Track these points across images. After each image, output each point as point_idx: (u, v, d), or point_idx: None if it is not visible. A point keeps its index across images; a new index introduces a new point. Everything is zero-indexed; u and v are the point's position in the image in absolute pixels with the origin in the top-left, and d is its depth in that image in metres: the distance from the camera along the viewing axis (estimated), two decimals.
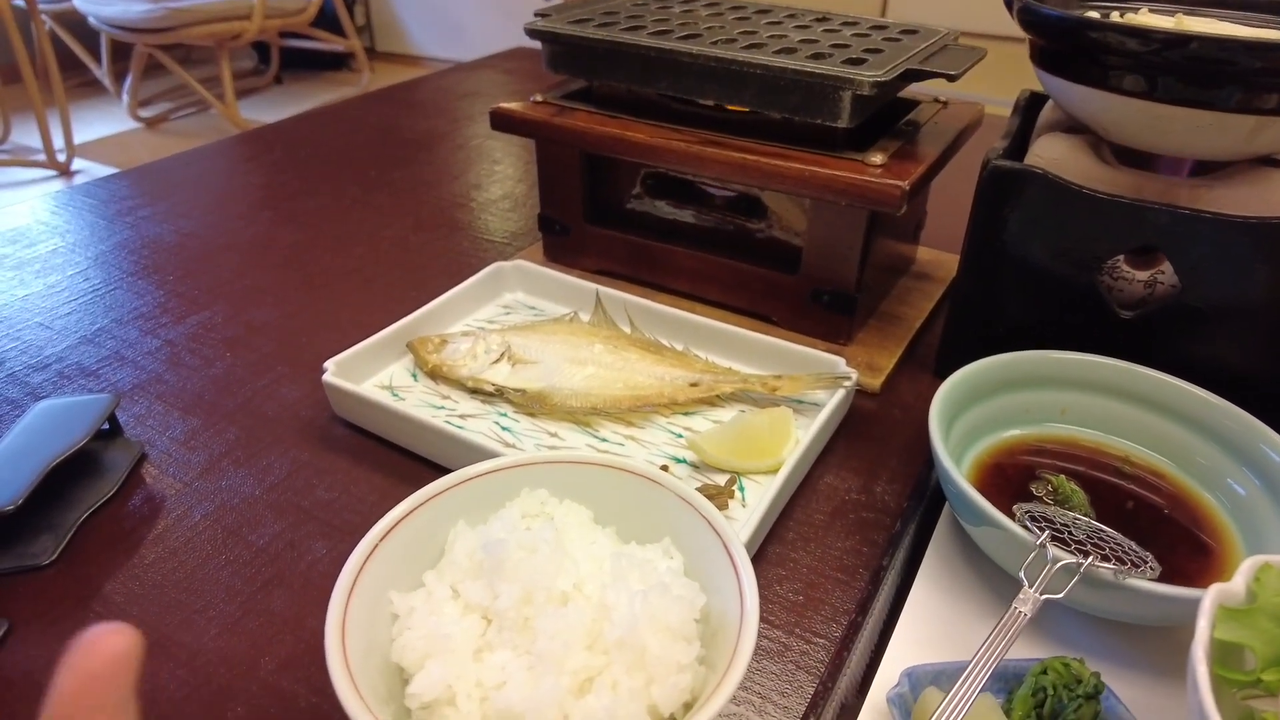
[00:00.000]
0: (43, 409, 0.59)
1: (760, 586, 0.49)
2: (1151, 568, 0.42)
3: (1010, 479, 0.53)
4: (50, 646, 0.46)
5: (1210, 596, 0.35)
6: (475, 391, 0.64)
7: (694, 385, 0.63)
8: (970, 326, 0.64)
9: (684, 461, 0.58)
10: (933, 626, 0.46)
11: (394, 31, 4.39)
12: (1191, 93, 0.52)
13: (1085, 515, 0.49)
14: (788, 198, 0.69)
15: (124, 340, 0.73)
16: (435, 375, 0.66)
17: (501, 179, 1.07)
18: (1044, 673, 0.39)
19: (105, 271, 0.84)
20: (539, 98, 0.76)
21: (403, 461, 0.59)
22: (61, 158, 2.97)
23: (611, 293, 0.71)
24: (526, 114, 0.75)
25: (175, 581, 0.51)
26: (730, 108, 0.68)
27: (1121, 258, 0.61)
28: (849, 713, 0.41)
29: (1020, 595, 0.40)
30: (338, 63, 4.20)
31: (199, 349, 0.72)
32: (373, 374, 0.66)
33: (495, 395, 0.64)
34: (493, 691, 0.33)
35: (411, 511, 0.40)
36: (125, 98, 3.44)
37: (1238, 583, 0.36)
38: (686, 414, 0.62)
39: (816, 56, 0.63)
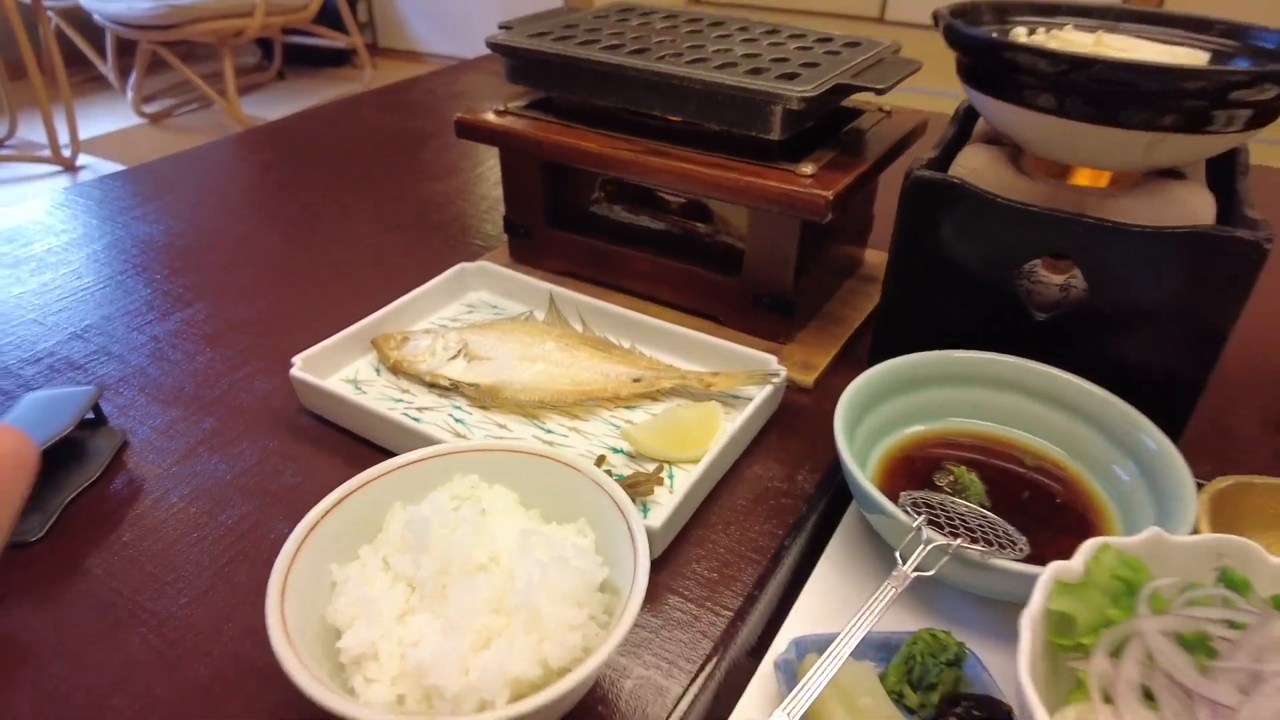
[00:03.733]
0: (31, 400, 0.64)
1: (679, 564, 0.54)
2: (1021, 549, 0.47)
3: (918, 470, 0.58)
4: (31, 620, 0.51)
5: (1048, 573, 0.39)
6: (433, 386, 0.69)
7: (636, 381, 0.67)
8: (897, 327, 0.69)
9: (621, 451, 0.62)
10: (831, 602, 0.50)
11: (396, 28, 4.44)
12: (1096, 111, 0.57)
13: (981, 504, 0.53)
14: (731, 204, 0.73)
15: (111, 336, 0.78)
16: (397, 370, 0.70)
17: (479, 181, 1.11)
18: (915, 643, 0.44)
19: (97, 270, 0.89)
20: (502, 106, 0.81)
21: (363, 450, 0.64)
22: (67, 153, 3.03)
23: (565, 293, 0.75)
24: (489, 123, 0.79)
25: (151, 556, 0.56)
26: (675, 119, 0.72)
27: (1039, 263, 0.65)
28: (742, 674, 0.45)
29: (894, 572, 0.44)
30: (340, 59, 4.24)
31: (181, 344, 0.77)
32: (339, 369, 0.71)
33: (451, 389, 0.68)
34: (409, 649, 0.38)
35: (350, 494, 0.45)
36: (129, 94, 3.50)
37: (1076, 561, 0.40)
38: (628, 408, 0.66)
39: (754, 71, 0.68)
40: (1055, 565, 0.39)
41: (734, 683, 0.45)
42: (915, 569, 0.44)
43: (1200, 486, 0.51)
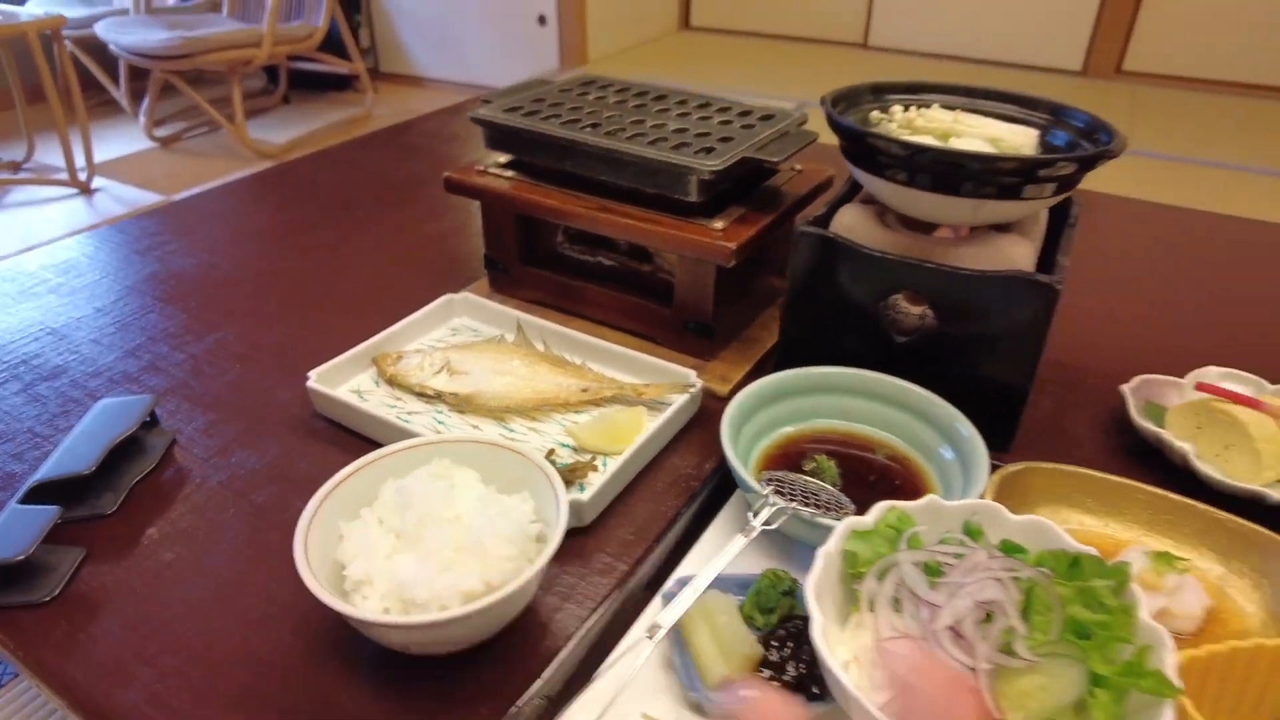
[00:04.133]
0: (102, 406, 0.81)
1: (606, 530, 0.71)
2: (846, 512, 0.64)
3: (791, 459, 0.75)
4: (112, 570, 0.68)
5: (844, 524, 0.56)
6: (421, 395, 0.86)
7: (584, 391, 0.84)
8: (794, 349, 0.86)
9: (567, 445, 0.79)
10: (714, 552, 0.67)
11: (397, 54, 4.63)
12: (935, 183, 0.74)
13: (834, 483, 0.70)
14: (679, 257, 0.90)
15: (157, 354, 0.95)
16: (392, 383, 0.87)
17: (467, 223, 1.28)
18: (762, 579, 0.60)
19: (141, 298, 1.06)
20: (481, 167, 0.98)
21: (365, 446, 0.81)
22: (82, 176, 3.20)
23: (530, 320, 0.92)
24: (472, 182, 0.96)
25: (199, 526, 0.72)
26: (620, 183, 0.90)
27: (900, 298, 0.82)
28: (637, 603, 0.62)
29: (745, 527, 0.61)
30: (343, 84, 4.44)
31: (215, 361, 0.94)
32: (346, 381, 0.88)
33: (435, 398, 0.85)
34: (394, 575, 0.55)
35: (355, 471, 0.62)
36: (142, 118, 3.68)
37: (869, 517, 0.57)
38: (576, 412, 0.83)
39: (679, 146, 0.85)
40: (850, 519, 0.56)
41: (634, 608, 0.61)
42: (762, 524, 0.61)
43: (996, 468, 0.68)
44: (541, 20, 4.16)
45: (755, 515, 0.62)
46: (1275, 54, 3.73)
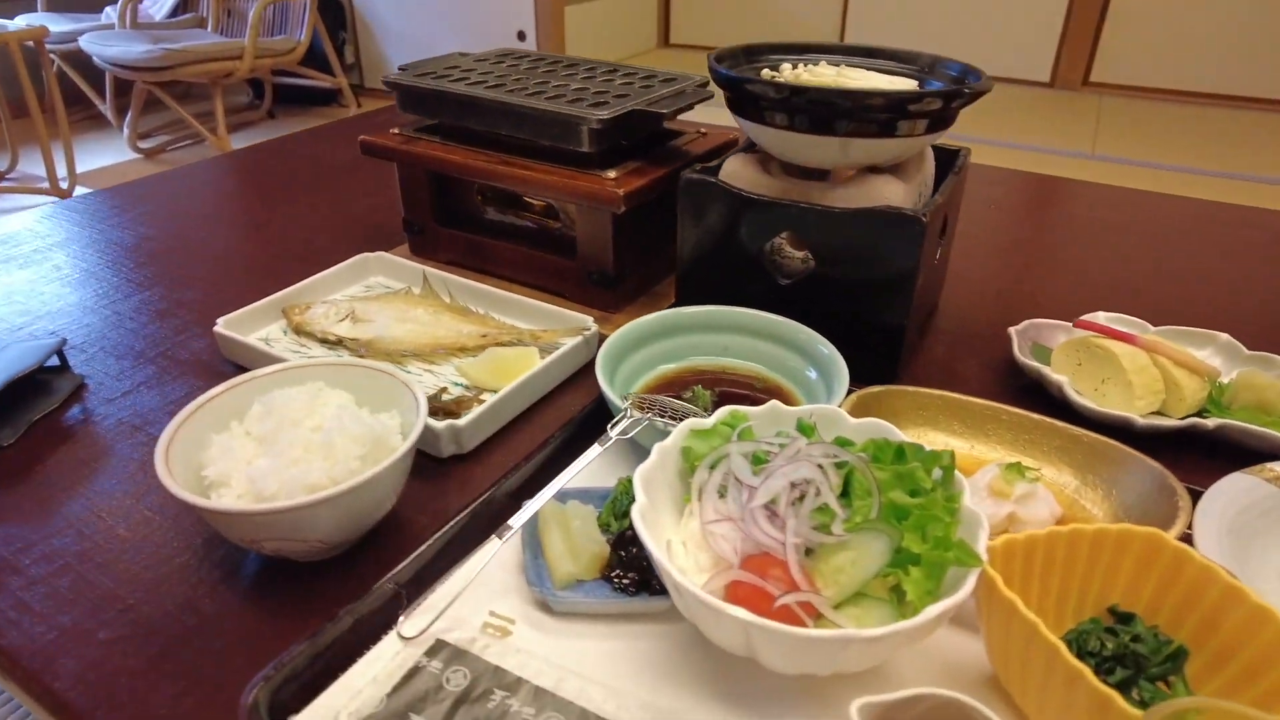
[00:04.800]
0: (5, 346, 0.83)
1: (486, 456, 0.72)
2: None
3: (677, 389, 0.77)
4: (9, 494, 0.69)
5: (683, 425, 0.58)
6: (324, 341, 0.88)
7: (484, 336, 0.86)
8: (688, 294, 0.88)
9: (460, 385, 0.81)
10: (589, 472, 0.68)
11: (381, 69, 4.70)
12: (808, 123, 0.76)
13: (706, 408, 0.72)
14: (574, 205, 0.93)
15: (84, 309, 0.97)
16: (299, 331, 0.89)
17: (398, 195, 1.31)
18: (618, 487, 0.62)
19: (75, 264, 1.09)
20: (396, 130, 1.01)
21: None
22: (64, 185, 3.24)
23: (437, 273, 0.94)
24: (384, 143, 0.99)
25: (93, 457, 0.74)
26: (521, 137, 0.92)
27: (784, 242, 0.84)
28: (507, 513, 0.63)
29: (602, 437, 0.63)
30: (328, 98, 4.50)
31: (136, 317, 0.96)
32: (255, 331, 0.90)
33: (337, 343, 0.87)
34: (250, 473, 0.57)
35: (228, 389, 0.64)
36: (126, 130, 3.73)
37: (712, 419, 0.58)
38: (473, 356, 0.85)
39: (573, 101, 0.87)
40: (690, 420, 0.58)
41: (502, 517, 0.63)
42: (618, 433, 0.63)
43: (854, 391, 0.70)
44: (520, 36, 4.23)
45: (613, 426, 0.64)
46: (1234, 64, 3.79)
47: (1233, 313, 1.00)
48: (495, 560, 0.60)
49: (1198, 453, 0.75)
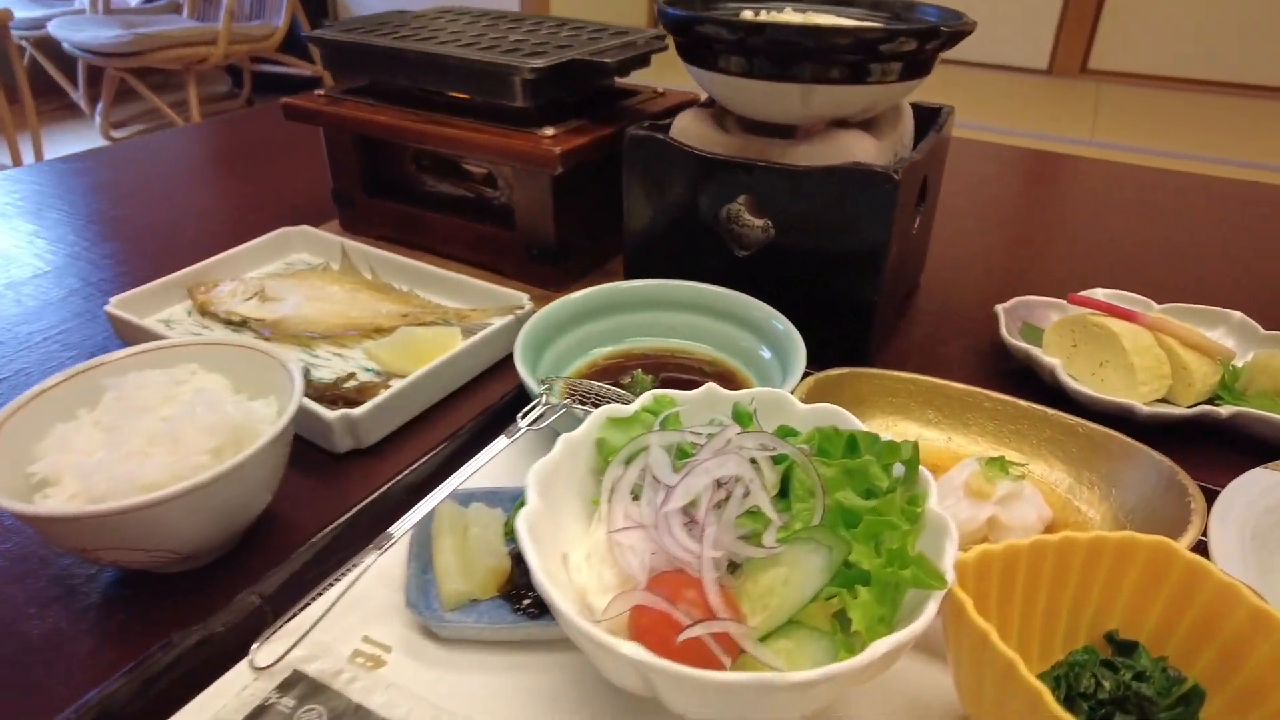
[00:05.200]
0: None
1: (392, 451, 0.63)
2: None
3: (613, 376, 0.67)
4: None
5: (598, 413, 0.48)
6: (228, 322, 0.78)
7: (404, 316, 0.76)
8: (637, 267, 0.78)
9: (372, 370, 0.71)
10: (504, 471, 0.58)
11: None
12: (763, 69, 0.66)
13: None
14: (509, 169, 0.83)
15: None
16: (203, 311, 0.79)
17: None
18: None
19: None
20: (320, 92, 0.91)
21: None
22: None
23: (358, 246, 0.85)
24: (307, 105, 0.89)
25: None
26: (455, 95, 0.82)
27: (742, 208, 0.75)
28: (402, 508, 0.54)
29: (510, 428, 0.53)
30: (310, 86, 4.39)
31: (37, 295, 0.87)
32: (157, 311, 0.80)
33: (241, 325, 0.77)
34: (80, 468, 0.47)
35: (81, 372, 0.54)
36: (97, 119, 3.63)
37: (632, 407, 0.49)
38: (389, 337, 0.75)
39: (510, 51, 0.78)
40: (607, 407, 0.48)
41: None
42: (529, 423, 0.53)
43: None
44: None
45: (525, 415, 0.54)
46: (1233, 51, 3.70)
47: (1247, 289, 0.91)
48: (378, 576, 0.51)
49: (1210, 445, 0.65)
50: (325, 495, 0.61)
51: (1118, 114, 3.55)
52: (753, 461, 0.42)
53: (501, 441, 0.53)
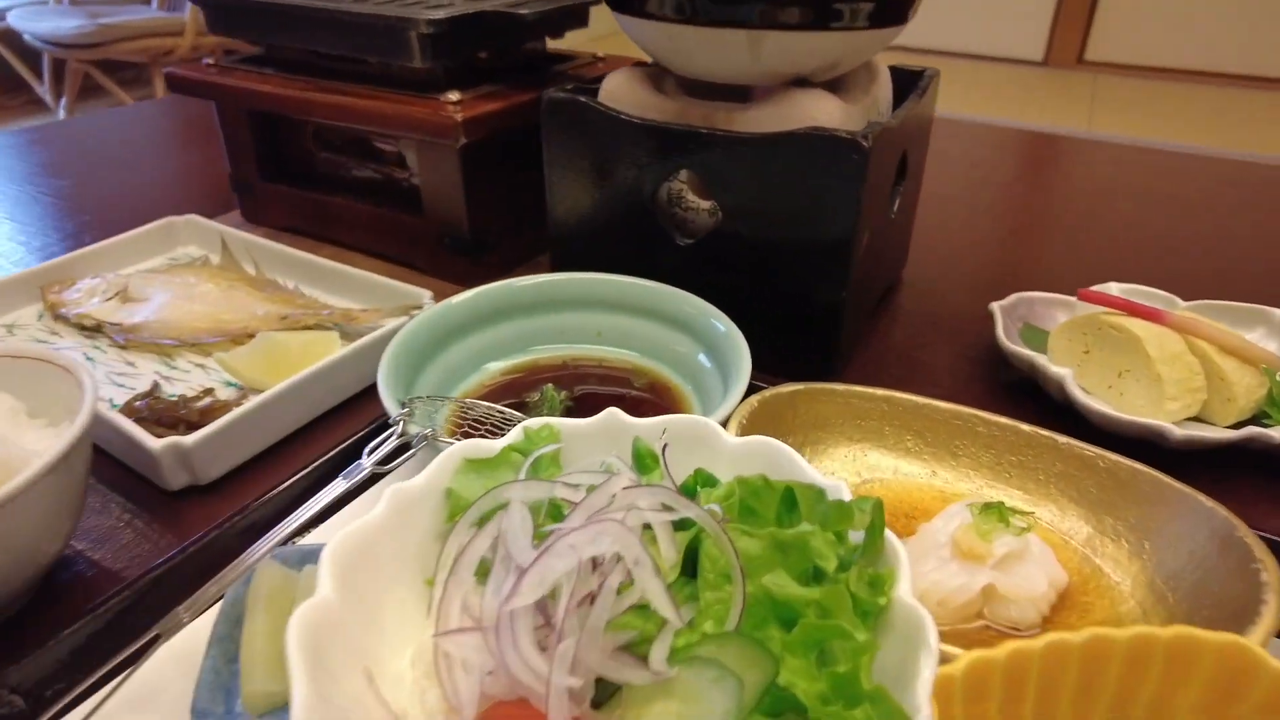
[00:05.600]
0: None
1: (241, 487, 0.50)
2: None
3: (519, 391, 0.54)
4: None
5: (451, 451, 0.35)
6: (80, 327, 0.65)
7: (283, 319, 0.64)
8: (566, 256, 0.65)
9: (235, 385, 0.58)
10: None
11: None
12: (704, 12, 0.54)
13: (554, 413, 0.50)
14: (413, 143, 0.70)
15: None
16: (55, 314, 0.67)
17: None
18: None
19: None
20: (210, 61, 0.78)
21: None
22: None
23: (242, 238, 0.72)
24: (194, 75, 0.76)
25: None
26: (347, 56, 0.70)
27: (686, 189, 0.62)
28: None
29: (350, 468, 0.40)
30: None
31: None
32: (3, 313, 0.67)
33: (96, 330, 0.65)
34: None
35: None
36: (61, 114, 3.49)
37: (497, 445, 0.36)
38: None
39: (411, 4, 0.65)
40: (466, 444, 0.35)
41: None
42: (375, 462, 0.40)
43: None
44: None
45: (372, 452, 0.41)
46: (1231, 42, 3.59)
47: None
48: (172, 662, 0.38)
49: (1260, 477, 0.53)
50: (152, 544, 0.48)
51: (1115, 106, 3.44)
52: (646, 528, 0.30)
53: (336, 485, 0.40)
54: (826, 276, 0.56)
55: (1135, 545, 0.42)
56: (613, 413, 0.37)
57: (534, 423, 0.36)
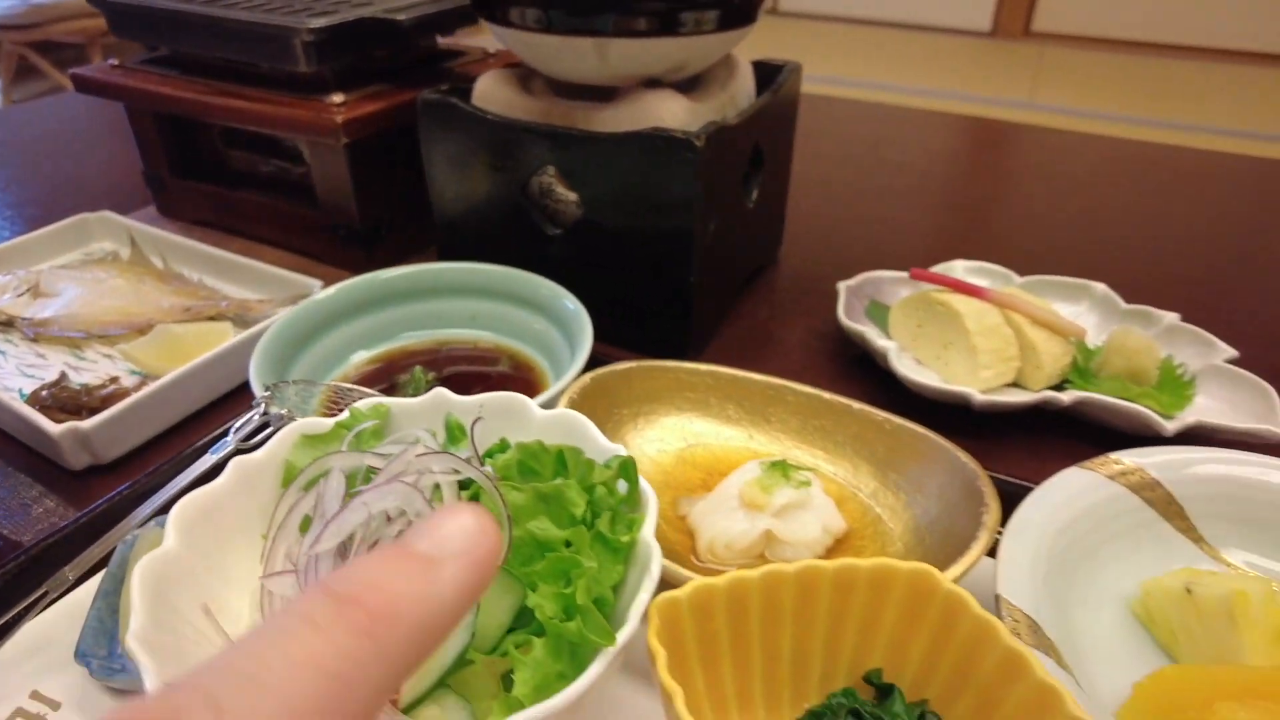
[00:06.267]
0: None
1: (144, 467, 0.55)
2: None
3: (392, 374, 0.60)
4: None
5: (294, 427, 0.41)
6: None
7: (187, 310, 0.68)
8: (451, 247, 0.71)
9: (138, 373, 0.63)
10: None
11: None
12: (557, 20, 0.59)
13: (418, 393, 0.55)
14: (305, 142, 0.75)
15: None
16: None
17: None
18: None
19: None
20: (114, 62, 0.82)
21: None
22: None
23: (151, 233, 0.76)
24: (98, 76, 0.80)
25: None
26: (240, 61, 0.74)
27: (555, 182, 0.67)
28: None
29: (219, 443, 0.46)
30: None
31: None
32: None
33: (8, 325, 0.69)
34: None
35: None
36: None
37: (329, 421, 0.41)
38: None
39: (295, 12, 0.69)
40: (300, 422, 0.41)
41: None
42: (241, 439, 0.46)
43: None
44: None
45: (238, 430, 0.47)
46: (1179, 13, 3.66)
47: (1117, 260, 0.85)
48: (66, 617, 0.43)
49: (1059, 436, 0.60)
50: (61, 516, 0.53)
51: (1062, 76, 3.51)
52: (436, 488, 0.36)
53: (204, 460, 0.45)
54: (676, 263, 0.62)
55: (910, 496, 0.49)
56: (439, 391, 0.43)
57: (364, 403, 0.41)
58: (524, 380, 0.59)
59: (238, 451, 0.47)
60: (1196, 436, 0.55)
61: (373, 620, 0.17)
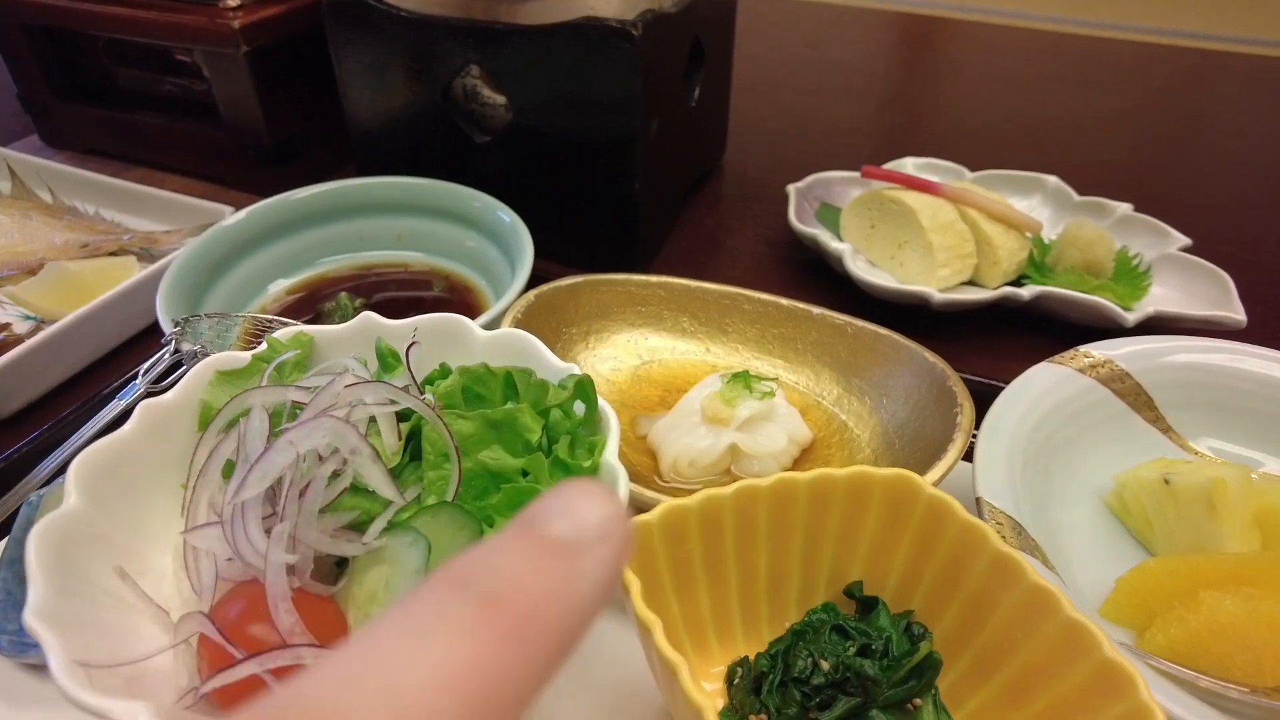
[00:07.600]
0: None
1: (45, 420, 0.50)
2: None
3: (316, 303, 0.55)
4: None
5: (208, 363, 0.36)
6: None
7: (84, 246, 0.62)
8: (370, 161, 0.65)
9: (34, 319, 0.57)
10: None
11: None
12: None
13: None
14: (205, 55, 0.67)
15: None
16: None
17: None
18: None
19: None
20: None
21: None
22: None
23: (31, 162, 0.69)
24: None
25: None
26: None
27: (480, 84, 0.62)
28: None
29: (128, 387, 0.42)
30: None
31: None
32: None
33: None
34: None
35: None
36: None
37: (247, 355, 0.37)
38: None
39: None
40: (218, 355, 0.37)
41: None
42: (151, 381, 0.42)
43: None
44: None
45: (146, 372, 0.42)
46: None
47: (1069, 152, 0.83)
48: None
49: (1018, 334, 0.58)
50: None
51: None
52: (372, 421, 0.32)
53: (111, 407, 0.41)
54: (617, 169, 0.58)
55: (875, 401, 0.47)
56: (367, 316, 0.39)
57: (283, 333, 0.37)
58: (463, 304, 0.55)
59: (148, 395, 0.42)
60: (1156, 326, 0.54)
61: (520, 624, 0.14)
